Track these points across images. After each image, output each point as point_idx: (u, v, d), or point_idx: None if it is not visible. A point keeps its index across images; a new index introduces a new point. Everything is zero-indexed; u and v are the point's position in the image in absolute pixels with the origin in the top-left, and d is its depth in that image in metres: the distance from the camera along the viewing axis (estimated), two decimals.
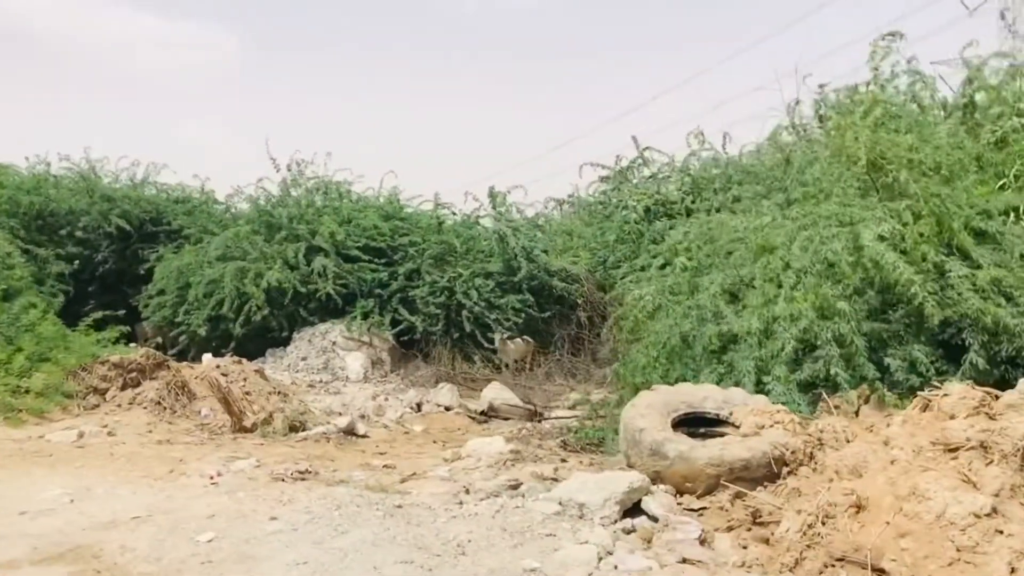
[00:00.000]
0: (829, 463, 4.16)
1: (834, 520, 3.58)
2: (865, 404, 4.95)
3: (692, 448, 4.58)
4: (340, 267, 13.60)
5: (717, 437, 4.84)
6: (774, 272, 6.02)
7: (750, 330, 5.66)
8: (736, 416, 4.91)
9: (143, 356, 8.84)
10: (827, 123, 8.95)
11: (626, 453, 4.91)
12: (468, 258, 14.01)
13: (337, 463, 6.46)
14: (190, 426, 8.16)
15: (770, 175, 9.73)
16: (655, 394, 5.15)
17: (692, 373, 6.38)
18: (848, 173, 6.05)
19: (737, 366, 6.06)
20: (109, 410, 8.36)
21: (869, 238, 5.08)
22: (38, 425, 7.79)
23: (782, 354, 5.42)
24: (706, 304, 6.29)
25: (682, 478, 4.53)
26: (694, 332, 6.49)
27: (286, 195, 15.11)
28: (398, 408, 9.43)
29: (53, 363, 8.72)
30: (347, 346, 13.48)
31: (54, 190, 15.11)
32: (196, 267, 13.80)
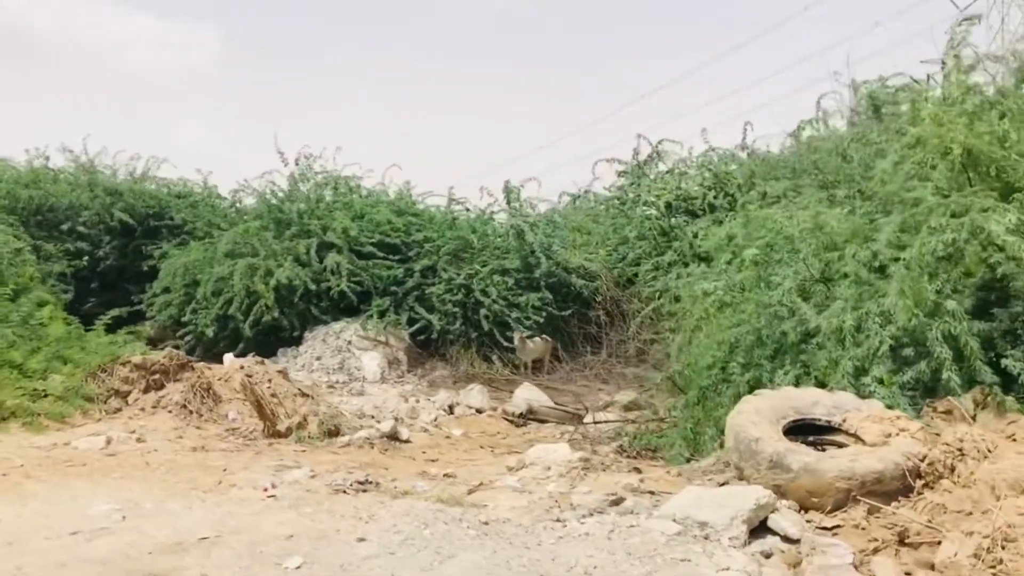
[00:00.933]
0: (981, 477, 3.84)
1: (1016, 544, 3.25)
2: (982, 410, 4.64)
3: (819, 460, 4.24)
4: (354, 264, 13.18)
5: (831, 446, 4.52)
6: (860, 267, 5.69)
7: (841, 327, 5.33)
8: (850, 423, 4.58)
9: (166, 357, 8.39)
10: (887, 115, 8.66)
11: (737, 464, 4.56)
12: (484, 255, 13.62)
13: (392, 472, 6.08)
14: (220, 431, 7.74)
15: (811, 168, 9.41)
16: (761, 399, 4.81)
17: (767, 373, 6.06)
18: (941, 164, 5.74)
19: (817, 365, 5.75)
20: (133, 414, 7.91)
21: (999, 229, 4.76)
22: (60, 431, 7.34)
23: (878, 354, 5.09)
24: (781, 300, 5.95)
25: (807, 493, 4.19)
26: (766, 330, 6.15)
27: (294, 190, 14.66)
28: (431, 411, 9.04)
29: (70, 364, 8.25)
30: (363, 345, 13.06)
31: (53, 184, 14.57)
32: (204, 264, 13.32)
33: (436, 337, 13.16)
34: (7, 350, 7.96)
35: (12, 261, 9.87)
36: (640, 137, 14.18)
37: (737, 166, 13.57)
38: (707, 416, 6.39)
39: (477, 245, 13.63)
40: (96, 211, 14.29)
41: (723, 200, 13.06)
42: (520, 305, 12.96)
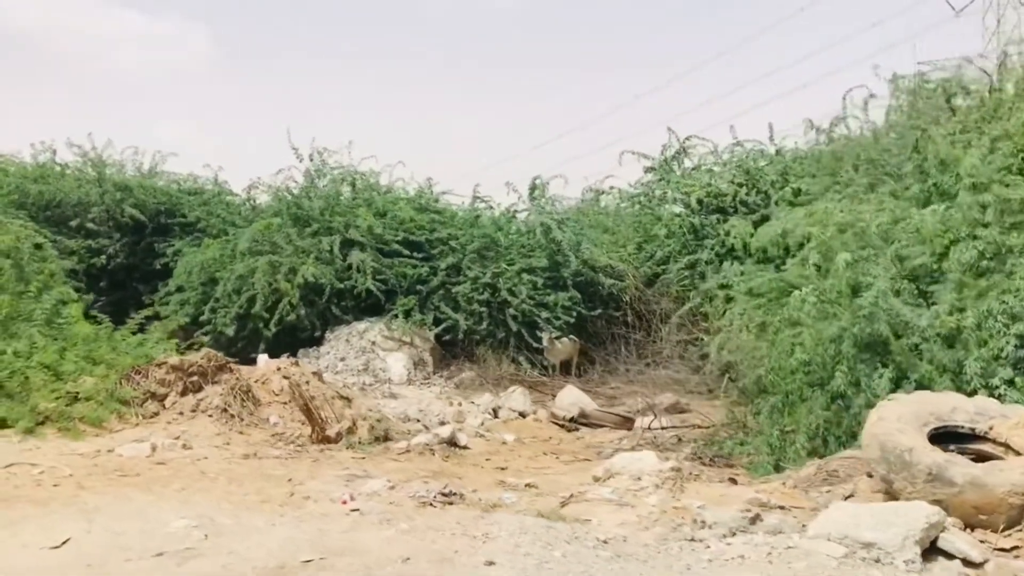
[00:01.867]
0: None
1: None
2: None
3: (986, 472, 3.93)
4: (379, 262, 12.79)
5: (975, 456, 4.20)
6: (969, 264, 5.39)
7: (959, 327, 5.02)
8: (997, 431, 4.27)
9: (204, 358, 7.97)
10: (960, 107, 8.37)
11: (885, 477, 4.23)
12: (511, 253, 13.26)
13: (467, 481, 5.72)
14: (265, 436, 7.36)
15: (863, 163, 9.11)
16: (900, 405, 4.48)
17: (865, 378, 5.74)
18: None
19: (917, 368, 5.45)
20: (171, 418, 7.49)
21: None
22: (98, 436, 6.92)
23: (1003, 355, 4.78)
24: (877, 301, 5.63)
25: (974, 509, 3.87)
26: (859, 332, 5.83)
27: (310, 186, 14.25)
28: (476, 414, 8.67)
29: (102, 366, 7.82)
30: (387, 346, 12.68)
31: (60, 179, 14.07)
32: (222, 262, 12.87)
33: (462, 337, 12.79)
34: (38, 351, 7.51)
35: (34, 257, 9.41)
36: (670, 132, 13.83)
37: (767, 163, 13.27)
38: (796, 422, 6.06)
39: (504, 243, 13.26)
40: (106, 207, 13.79)
41: (756, 197, 12.75)
42: (549, 305, 12.62)
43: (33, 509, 4.76)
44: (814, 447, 5.93)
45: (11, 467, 5.80)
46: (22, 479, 5.50)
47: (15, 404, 7.02)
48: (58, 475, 5.60)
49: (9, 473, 5.64)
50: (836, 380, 5.76)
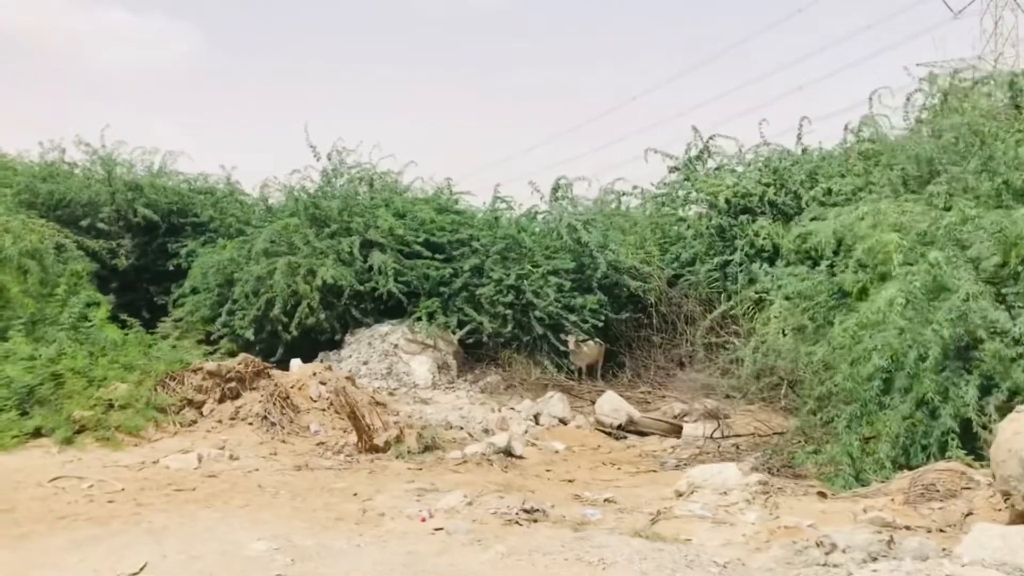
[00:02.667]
0: None
1: None
2: None
3: None
4: (400, 263, 12.48)
5: None
6: None
7: None
8: None
9: (241, 363, 7.67)
10: None
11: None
12: (534, 255, 12.98)
13: (540, 495, 5.44)
14: (310, 445, 7.04)
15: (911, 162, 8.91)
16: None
17: (952, 386, 5.52)
18: None
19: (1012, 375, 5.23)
20: (210, 427, 7.19)
21: None
22: (137, 446, 6.61)
23: None
24: (968, 305, 5.41)
25: None
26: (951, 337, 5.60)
27: (327, 185, 13.93)
28: (519, 421, 8.40)
29: (135, 371, 7.50)
30: (410, 349, 12.37)
31: (69, 178, 13.69)
32: (239, 263, 12.53)
33: (486, 340, 12.50)
34: (67, 356, 7.18)
35: (59, 258, 9.07)
36: (695, 132, 13.60)
37: (792, 162, 13.07)
38: (876, 431, 5.82)
39: (527, 244, 12.97)
40: (116, 207, 13.42)
41: (784, 197, 12.55)
42: (575, 308, 12.36)
43: (95, 529, 4.47)
44: (894, 457, 5.70)
45: (57, 480, 5.49)
46: (72, 494, 5.20)
47: (49, 412, 6.69)
48: (108, 490, 5.30)
49: (57, 487, 5.34)
50: (923, 386, 5.53)
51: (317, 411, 7.84)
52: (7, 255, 8.38)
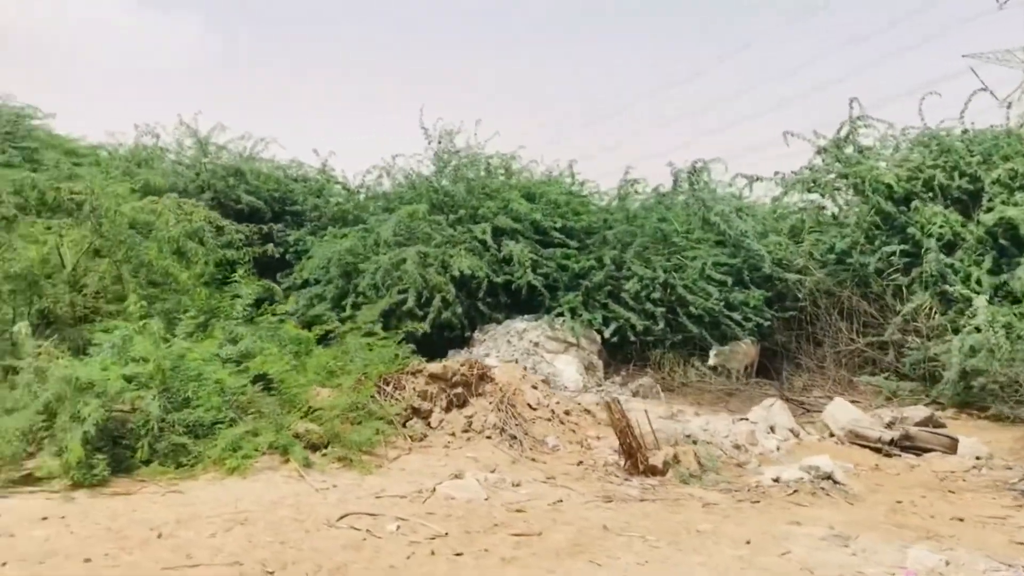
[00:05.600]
0: None
1: None
2: None
3: None
4: (537, 253, 11.31)
5: None
6: None
7: None
8: None
9: (465, 365, 6.49)
10: None
11: None
12: (682, 245, 11.84)
13: (968, 540, 4.28)
14: (566, 465, 5.89)
15: None
16: None
17: None
18: None
19: None
20: (446, 441, 6.04)
21: None
22: (380, 467, 5.43)
23: None
24: None
25: None
26: None
27: (440, 170, 12.75)
28: (768, 436, 7.24)
29: (340, 375, 6.32)
30: (552, 347, 11.21)
31: (161, 162, 12.49)
32: (360, 253, 11.33)
33: (633, 340, 11.35)
34: (266, 357, 6.00)
35: (218, 241, 7.88)
36: (853, 102, 12.38)
37: (967, 142, 11.93)
38: None
39: (673, 234, 11.83)
40: (216, 193, 12.19)
41: (960, 180, 11.41)
42: (735, 305, 11.23)
43: None
44: None
45: (346, 519, 4.30)
46: (388, 542, 4.02)
47: (268, 425, 5.50)
48: (426, 535, 4.11)
49: (354, 528, 4.15)
50: None
51: (542, 420, 6.68)
52: (169, 237, 7.18)
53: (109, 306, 7.72)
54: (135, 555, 3.70)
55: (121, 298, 7.59)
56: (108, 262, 7.22)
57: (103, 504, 4.51)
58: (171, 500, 4.64)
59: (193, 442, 5.30)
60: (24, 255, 6.37)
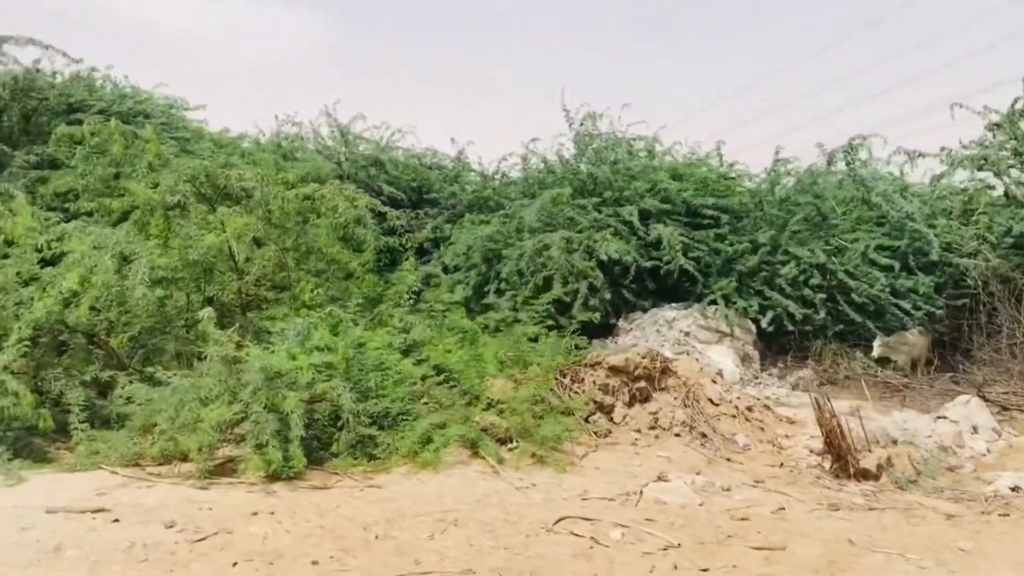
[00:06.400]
0: None
1: None
2: None
3: None
4: (688, 236, 10.79)
5: None
6: None
7: None
8: None
9: (646, 357, 6.11)
10: None
11: None
12: (842, 227, 11.10)
13: None
14: (762, 465, 5.42)
15: None
16: None
17: None
18: None
19: None
20: (633, 439, 5.69)
21: None
22: (572, 464, 5.12)
23: None
24: None
25: None
26: None
27: (583, 152, 12.37)
28: (971, 435, 6.57)
29: (512, 367, 6.05)
30: (704, 338, 10.70)
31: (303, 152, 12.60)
32: (504, 239, 11.08)
33: (791, 330, 10.70)
34: (453, 351, 5.77)
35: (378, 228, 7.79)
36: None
37: None
38: None
39: (833, 215, 11.09)
40: (358, 182, 12.15)
41: None
42: (902, 292, 10.43)
43: None
44: None
45: (562, 522, 4.00)
46: (621, 552, 3.68)
47: (453, 417, 5.27)
48: (644, 541, 3.78)
49: (574, 534, 3.84)
50: None
51: (727, 417, 6.23)
52: (336, 223, 7.09)
53: (269, 293, 7.73)
54: (359, 558, 3.50)
55: (281, 286, 7.60)
56: (274, 249, 7.16)
57: (305, 499, 4.36)
58: (371, 495, 4.46)
59: (381, 434, 5.12)
60: (201, 242, 6.36)
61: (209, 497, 4.34)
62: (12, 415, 5.02)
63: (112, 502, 4.19)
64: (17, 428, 5.24)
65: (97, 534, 3.67)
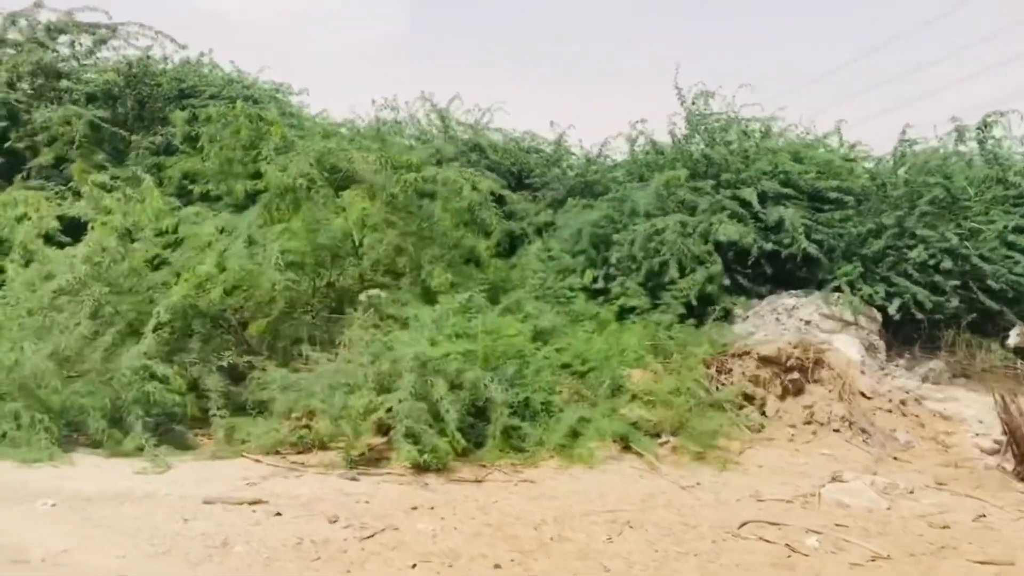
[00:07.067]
0: None
1: None
2: None
3: None
4: (810, 218, 10.20)
5: None
6: None
7: None
8: None
9: (799, 347, 5.71)
10: None
11: None
12: (972, 207, 10.33)
13: None
14: (933, 464, 4.95)
15: None
16: None
17: None
18: None
19: None
20: (789, 434, 5.33)
21: None
22: (734, 463, 4.76)
23: None
24: None
25: None
26: None
27: (691, 134, 11.85)
28: None
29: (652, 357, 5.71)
30: (827, 326, 10.10)
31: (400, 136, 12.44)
32: (615, 223, 10.68)
33: (921, 318, 10.01)
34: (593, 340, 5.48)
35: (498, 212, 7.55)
36: None
37: None
38: None
39: (964, 195, 10.33)
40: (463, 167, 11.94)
41: None
42: None
43: None
44: None
45: (746, 527, 3.66)
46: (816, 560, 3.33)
47: (597, 409, 4.98)
48: (844, 550, 3.42)
49: (769, 543, 3.49)
50: None
51: (882, 412, 5.78)
52: (460, 207, 6.87)
53: (383, 278, 7.55)
54: (541, 562, 3.25)
55: (393, 271, 7.39)
56: (394, 233, 6.98)
57: (460, 493, 4.15)
58: (527, 491, 4.22)
59: (525, 425, 4.88)
60: (329, 226, 6.21)
61: (363, 489, 4.16)
62: (157, 401, 4.94)
63: (266, 493, 4.05)
64: (156, 414, 5.18)
65: (262, 528, 3.52)
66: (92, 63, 9.65)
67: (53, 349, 5.16)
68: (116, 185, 7.70)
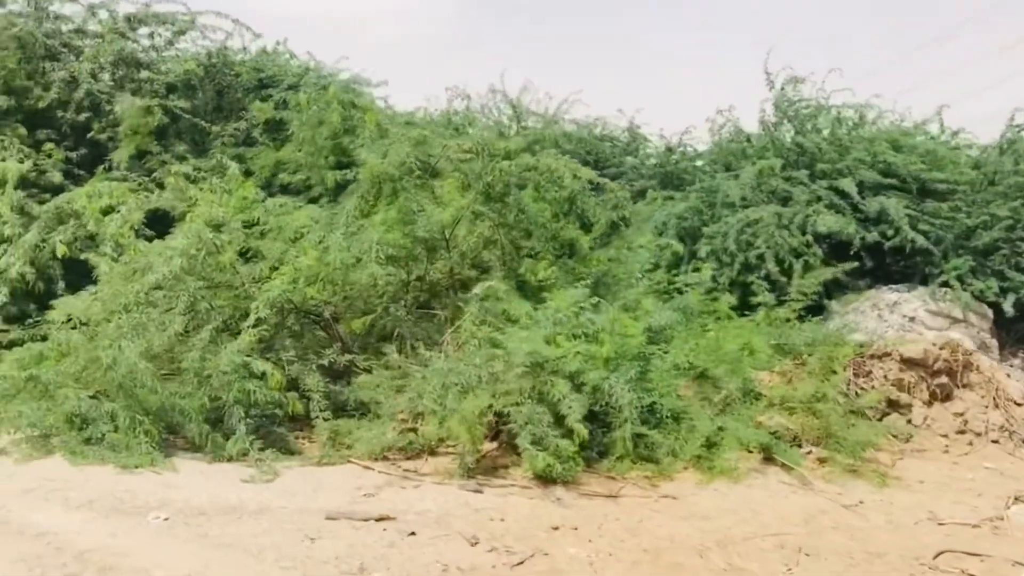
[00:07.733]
0: None
1: None
2: None
3: None
4: (914, 208, 9.57)
5: None
6: None
7: None
8: None
9: (947, 349, 5.19)
10: None
11: None
12: None
13: None
14: None
15: None
16: None
17: None
18: None
19: None
20: (942, 445, 4.84)
21: None
22: (891, 477, 4.28)
23: None
24: None
25: None
26: None
27: (781, 121, 11.26)
28: None
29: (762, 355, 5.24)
30: (934, 323, 9.47)
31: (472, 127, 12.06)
32: (701, 214, 10.18)
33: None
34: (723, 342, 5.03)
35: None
36: None
37: None
38: None
39: None
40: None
41: None
42: None
43: None
44: None
45: (942, 556, 3.20)
46: None
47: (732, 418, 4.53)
48: None
49: None
50: None
51: None
52: (561, 197, 6.48)
53: (470, 272, 7.19)
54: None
55: (480, 265, 7.02)
56: (488, 224, 6.60)
57: (598, 510, 3.76)
58: (671, 509, 3.82)
59: (653, 433, 4.46)
60: (427, 218, 5.86)
61: (491, 503, 3.80)
62: (257, 400, 4.64)
63: (388, 506, 3.71)
64: (256, 415, 4.89)
65: (398, 551, 3.17)
66: (172, 54, 9.48)
67: (147, 346, 4.91)
68: (200, 176, 7.49)
